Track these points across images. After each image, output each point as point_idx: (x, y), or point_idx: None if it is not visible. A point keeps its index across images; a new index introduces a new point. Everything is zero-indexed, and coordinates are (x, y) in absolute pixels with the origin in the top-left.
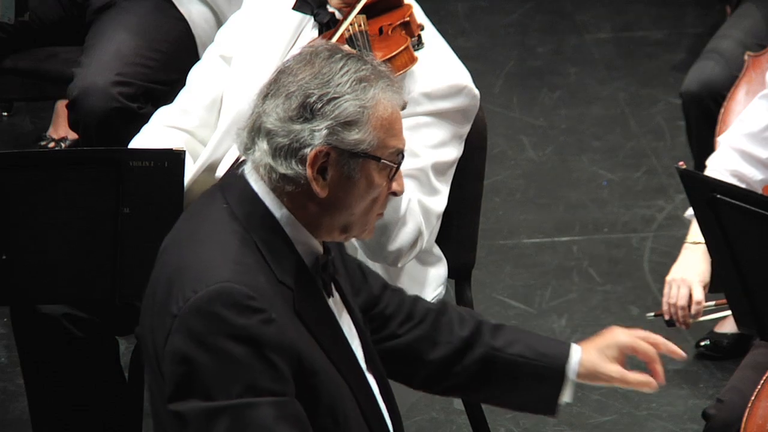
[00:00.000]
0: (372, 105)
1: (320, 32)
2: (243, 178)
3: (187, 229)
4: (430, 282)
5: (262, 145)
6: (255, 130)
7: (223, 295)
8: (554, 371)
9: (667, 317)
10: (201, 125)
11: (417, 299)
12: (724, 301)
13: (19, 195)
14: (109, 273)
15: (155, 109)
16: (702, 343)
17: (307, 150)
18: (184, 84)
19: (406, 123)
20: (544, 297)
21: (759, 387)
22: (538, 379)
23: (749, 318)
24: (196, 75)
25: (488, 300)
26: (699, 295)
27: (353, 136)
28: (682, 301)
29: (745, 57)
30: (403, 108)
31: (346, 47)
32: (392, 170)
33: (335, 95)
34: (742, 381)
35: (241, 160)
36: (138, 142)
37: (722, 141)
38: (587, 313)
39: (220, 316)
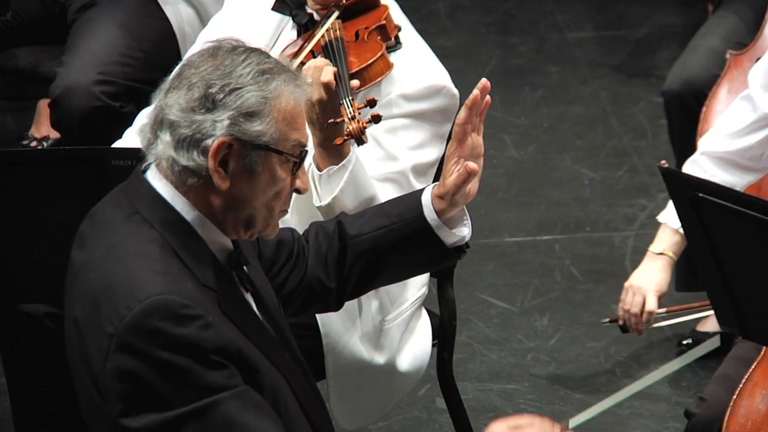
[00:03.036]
0: (274, 96)
1: (299, 33)
2: (147, 183)
3: (103, 245)
4: (414, 283)
5: (165, 138)
6: (158, 123)
7: (159, 309)
8: (417, 222)
9: (621, 323)
10: None
11: (285, 238)
12: (675, 308)
13: (0, 194)
14: None
15: (138, 108)
16: (684, 342)
17: (210, 141)
18: None
19: (384, 125)
20: (526, 295)
21: (741, 385)
22: (411, 238)
23: (731, 317)
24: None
25: (471, 299)
26: (651, 305)
27: (255, 127)
28: (636, 309)
29: (727, 56)
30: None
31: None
32: (295, 165)
33: (237, 86)
34: (724, 379)
35: (140, 163)
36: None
37: (699, 147)
38: (569, 311)
39: (159, 329)
